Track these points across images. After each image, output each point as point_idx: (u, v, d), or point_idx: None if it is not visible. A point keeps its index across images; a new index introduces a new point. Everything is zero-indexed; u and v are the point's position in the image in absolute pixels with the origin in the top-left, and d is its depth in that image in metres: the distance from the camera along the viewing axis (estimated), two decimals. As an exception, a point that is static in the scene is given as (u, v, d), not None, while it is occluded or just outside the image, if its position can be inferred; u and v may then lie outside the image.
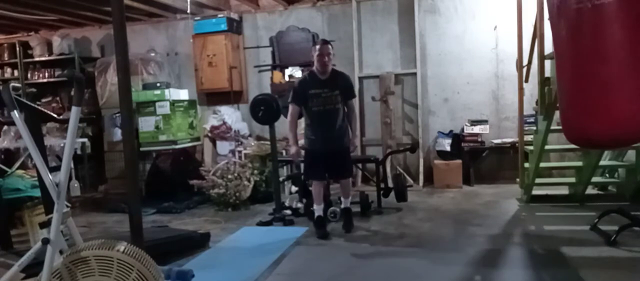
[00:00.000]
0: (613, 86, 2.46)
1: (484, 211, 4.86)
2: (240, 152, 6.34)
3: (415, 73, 6.43)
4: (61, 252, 2.30)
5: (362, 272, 3.34)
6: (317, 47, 4.26)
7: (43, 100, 7.26)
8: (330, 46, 4.28)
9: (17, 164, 5.00)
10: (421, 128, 6.45)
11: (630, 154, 4.85)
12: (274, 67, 6.76)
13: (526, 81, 4.95)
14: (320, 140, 4.27)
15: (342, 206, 4.54)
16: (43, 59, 7.44)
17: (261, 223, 4.74)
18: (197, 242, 4.08)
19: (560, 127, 3.03)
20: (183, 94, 6.38)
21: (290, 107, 4.29)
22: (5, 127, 6.48)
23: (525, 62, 4.80)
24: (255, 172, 5.61)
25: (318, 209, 4.38)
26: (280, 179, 5.32)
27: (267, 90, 6.61)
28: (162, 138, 5.93)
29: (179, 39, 7.22)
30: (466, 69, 6.34)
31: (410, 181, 6.09)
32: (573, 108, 2.71)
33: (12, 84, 4.58)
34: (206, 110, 7.00)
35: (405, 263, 3.39)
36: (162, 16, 7.13)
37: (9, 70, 7.67)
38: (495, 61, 6.25)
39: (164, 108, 5.89)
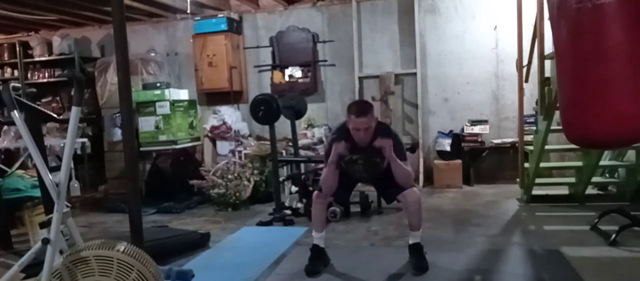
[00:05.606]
0: (613, 86, 2.46)
1: (484, 212, 4.86)
2: (240, 152, 6.34)
3: (415, 74, 6.43)
4: (61, 252, 2.30)
5: (361, 272, 3.33)
6: (352, 117, 3.09)
7: (43, 100, 7.25)
8: (369, 116, 3.08)
9: (17, 164, 4.99)
10: (421, 128, 6.44)
11: (630, 154, 4.85)
12: (274, 67, 6.77)
13: (526, 81, 4.95)
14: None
15: (410, 241, 3.36)
16: (43, 59, 7.43)
17: (261, 223, 4.74)
18: (197, 242, 4.07)
19: (560, 127, 3.03)
20: (183, 94, 6.38)
21: (325, 171, 3.24)
22: (5, 127, 6.49)
23: (525, 62, 4.80)
24: (255, 172, 5.61)
25: (317, 237, 3.38)
26: (280, 179, 5.32)
27: (267, 90, 6.62)
28: (162, 138, 5.93)
29: (179, 39, 7.21)
30: (466, 69, 6.34)
31: (410, 181, 6.08)
32: (573, 108, 2.71)
33: (12, 84, 4.54)
34: (206, 110, 7.00)
35: (405, 263, 3.38)
36: (162, 16, 7.13)
37: (9, 70, 7.66)
38: (495, 61, 6.25)
39: (164, 108, 5.90)
